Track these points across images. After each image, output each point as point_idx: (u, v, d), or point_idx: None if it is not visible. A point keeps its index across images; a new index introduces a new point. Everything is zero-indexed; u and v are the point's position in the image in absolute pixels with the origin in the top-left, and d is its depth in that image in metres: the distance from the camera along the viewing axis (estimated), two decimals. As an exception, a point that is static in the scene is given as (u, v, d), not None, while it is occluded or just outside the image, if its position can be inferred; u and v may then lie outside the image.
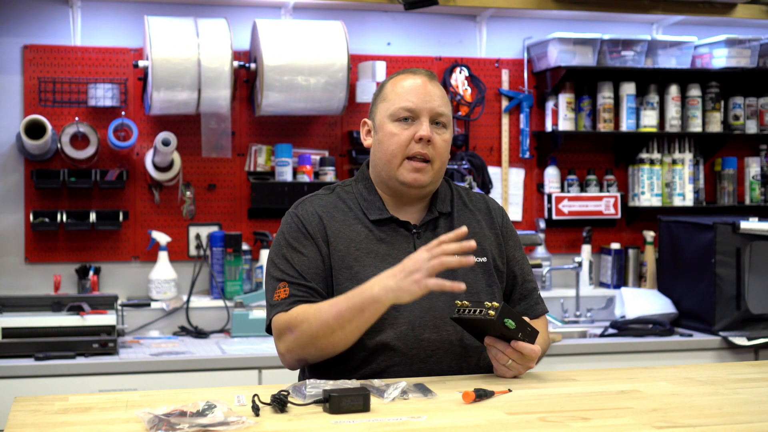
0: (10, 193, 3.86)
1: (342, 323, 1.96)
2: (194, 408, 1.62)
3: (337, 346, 2.00)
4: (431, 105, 2.11)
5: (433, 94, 2.13)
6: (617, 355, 3.72)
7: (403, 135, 2.10)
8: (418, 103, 2.11)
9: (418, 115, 2.11)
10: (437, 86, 2.15)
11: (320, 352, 2.02)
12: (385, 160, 2.13)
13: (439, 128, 2.13)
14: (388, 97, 2.15)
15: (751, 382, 2.04)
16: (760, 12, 4.37)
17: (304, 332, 2.00)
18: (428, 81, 2.14)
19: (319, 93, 3.82)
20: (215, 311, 3.88)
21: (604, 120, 4.33)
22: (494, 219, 2.23)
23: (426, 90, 2.12)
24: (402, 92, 2.13)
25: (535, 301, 2.24)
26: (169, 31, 3.72)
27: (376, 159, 2.17)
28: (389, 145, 2.12)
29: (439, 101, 2.13)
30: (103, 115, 3.89)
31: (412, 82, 2.13)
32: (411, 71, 2.17)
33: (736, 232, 3.85)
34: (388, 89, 2.16)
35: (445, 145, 2.14)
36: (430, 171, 2.11)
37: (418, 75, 2.15)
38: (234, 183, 4.05)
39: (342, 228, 2.12)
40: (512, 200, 4.35)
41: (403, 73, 2.18)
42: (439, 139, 2.12)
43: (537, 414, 1.69)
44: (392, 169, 2.12)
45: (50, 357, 3.23)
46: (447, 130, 2.15)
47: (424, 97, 2.11)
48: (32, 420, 1.65)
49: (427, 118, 2.11)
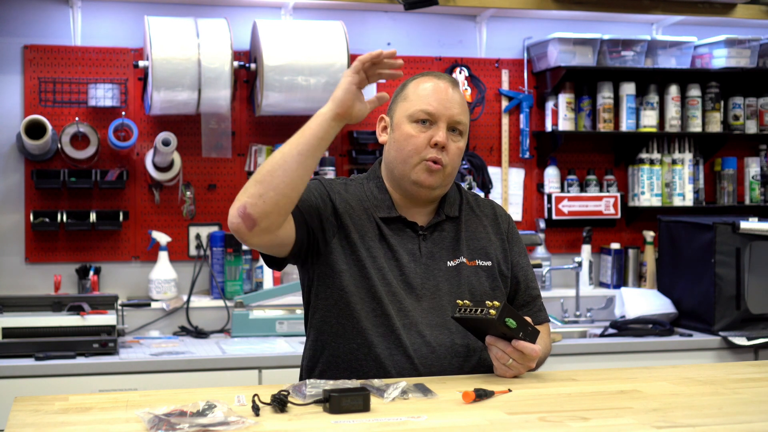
0: (10, 193, 3.86)
1: (282, 147, 1.97)
2: (194, 408, 1.62)
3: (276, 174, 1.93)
4: (451, 112, 2.12)
5: (454, 100, 2.14)
6: (617, 355, 3.72)
7: (420, 138, 2.11)
8: (438, 108, 2.12)
9: (436, 120, 2.12)
10: (459, 93, 2.16)
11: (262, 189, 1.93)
12: (400, 160, 2.14)
13: (455, 135, 2.14)
14: (409, 96, 2.16)
15: (751, 382, 2.04)
16: (760, 12, 4.37)
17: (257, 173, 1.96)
18: (450, 87, 2.15)
19: (319, 93, 3.83)
20: (215, 311, 3.88)
21: (604, 120, 4.33)
22: (500, 225, 2.25)
23: (447, 96, 2.13)
24: (424, 94, 2.13)
25: (538, 308, 2.25)
26: (169, 31, 3.72)
27: (390, 157, 2.17)
28: (405, 145, 2.13)
29: (458, 109, 2.14)
30: (103, 115, 3.89)
31: (435, 86, 2.14)
32: (435, 74, 2.18)
33: (736, 232, 3.85)
34: (410, 89, 2.17)
35: (459, 153, 2.15)
36: (441, 175, 2.12)
37: (442, 80, 2.16)
38: (234, 183, 4.05)
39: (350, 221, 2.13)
40: (512, 200, 4.35)
41: (427, 75, 2.18)
42: (453, 146, 2.13)
43: (537, 414, 1.69)
44: (407, 168, 2.13)
45: (50, 357, 3.23)
46: (462, 138, 2.16)
47: (445, 102, 2.12)
48: (32, 420, 1.65)
49: (445, 124, 2.12)
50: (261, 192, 1.93)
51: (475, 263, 2.16)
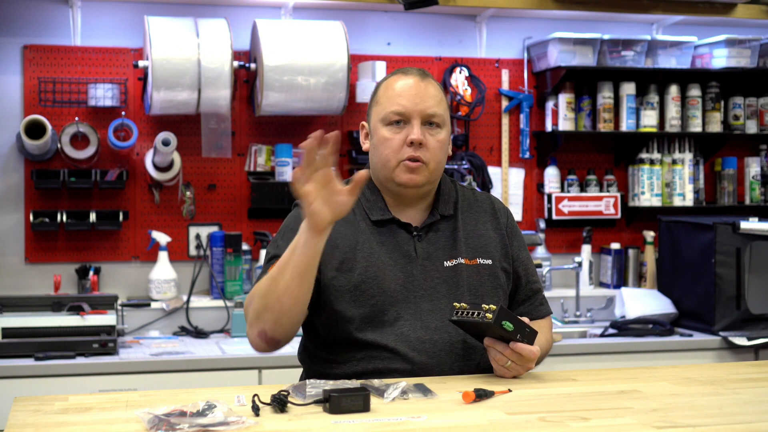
0: (10, 193, 3.86)
1: (281, 272, 1.89)
2: (194, 408, 1.62)
3: (283, 299, 1.90)
4: (422, 106, 2.08)
5: (425, 94, 2.09)
6: (617, 355, 3.72)
7: (395, 139, 2.08)
8: (408, 106, 2.08)
9: (408, 118, 2.08)
10: (431, 85, 2.11)
11: (274, 311, 1.92)
12: (381, 165, 2.12)
13: (432, 129, 2.10)
14: (380, 100, 2.13)
15: (751, 382, 2.04)
16: (760, 12, 4.37)
17: (257, 295, 1.95)
18: (420, 81, 2.10)
19: (319, 93, 3.82)
20: (215, 311, 3.88)
21: (604, 120, 4.33)
22: (499, 220, 2.22)
23: (417, 91, 2.09)
24: (392, 95, 2.10)
25: (540, 301, 2.24)
26: (169, 31, 3.72)
27: (373, 163, 2.16)
28: (383, 150, 2.10)
29: (431, 101, 2.09)
30: (103, 115, 3.89)
31: (403, 84, 2.10)
32: (403, 71, 2.14)
33: (736, 232, 3.85)
34: (380, 92, 2.14)
35: (440, 146, 2.10)
36: (425, 171, 2.09)
37: (410, 75, 2.12)
38: (234, 183, 4.05)
39: (343, 227, 2.11)
40: (512, 200, 4.35)
41: (395, 74, 2.15)
42: (432, 140, 2.09)
43: (537, 414, 1.69)
44: (388, 171, 2.11)
45: (50, 357, 3.23)
46: (442, 129, 2.11)
47: (414, 98, 2.08)
48: (32, 420, 1.65)
49: (419, 120, 2.08)
50: (275, 318, 1.94)
51: (476, 262, 2.13)
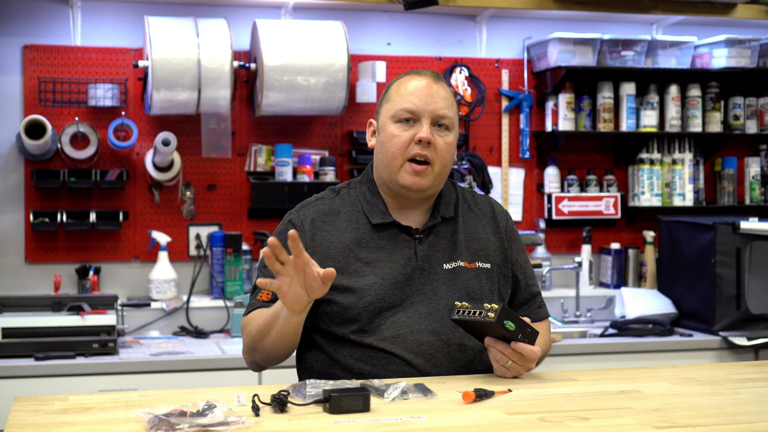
0: (10, 193, 3.86)
1: (268, 328, 2.00)
2: (194, 408, 1.62)
3: (270, 351, 2.03)
4: (433, 107, 2.09)
5: (437, 95, 2.11)
6: (617, 355, 3.72)
7: (403, 136, 2.09)
8: (420, 105, 2.09)
9: (419, 117, 2.10)
10: (443, 87, 2.13)
11: (264, 355, 2.06)
12: (386, 162, 2.12)
13: (441, 130, 2.11)
14: (392, 98, 2.14)
15: (751, 382, 2.04)
16: (760, 12, 4.37)
17: (248, 335, 2.09)
18: (433, 82, 2.12)
19: (319, 93, 3.82)
20: (215, 311, 3.88)
21: (604, 120, 4.33)
22: (499, 223, 2.22)
23: (429, 92, 2.10)
24: (405, 93, 2.11)
25: (538, 305, 2.24)
26: (169, 31, 3.72)
27: (378, 160, 2.16)
28: (390, 146, 2.11)
29: (442, 103, 2.11)
30: (103, 115, 3.89)
31: (416, 84, 2.12)
32: (417, 72, 2.16)
33: (736, 232, 3.85)
34: (393, 90, 2.16)
35: (447, 148, 2.11)
36: (430, 174, 2.09)
37: (423, 76, 2.14)
38: (234, 183, 4.06)
39: (339, 234, 2.11)
40: (512, 200, 4.35)
41: (409, 74, 2.17)
42: (440, 141, 2.10)
43: (537, 414, 1.69)
44: (393, 170, 2.11)
45: (50, 357, 3.23)
46: (450, 132, 2.12)
47: (426, 98, 2.10)
48: (32, 420, 1.65)
49: (429, 120, 2.09)
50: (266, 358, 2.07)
51: (475, 265, 2.14)
